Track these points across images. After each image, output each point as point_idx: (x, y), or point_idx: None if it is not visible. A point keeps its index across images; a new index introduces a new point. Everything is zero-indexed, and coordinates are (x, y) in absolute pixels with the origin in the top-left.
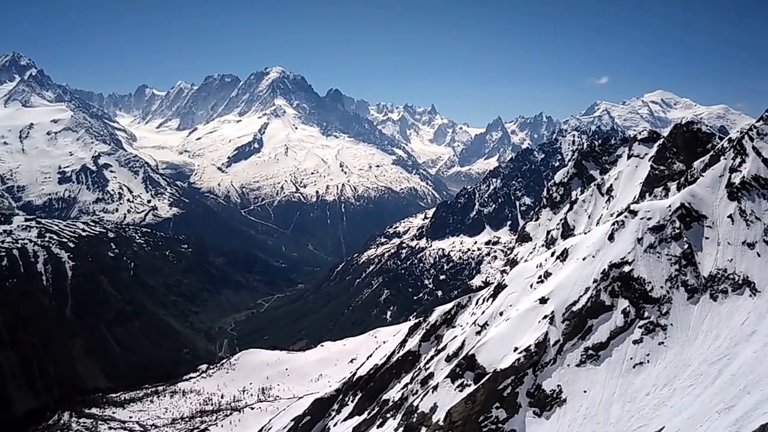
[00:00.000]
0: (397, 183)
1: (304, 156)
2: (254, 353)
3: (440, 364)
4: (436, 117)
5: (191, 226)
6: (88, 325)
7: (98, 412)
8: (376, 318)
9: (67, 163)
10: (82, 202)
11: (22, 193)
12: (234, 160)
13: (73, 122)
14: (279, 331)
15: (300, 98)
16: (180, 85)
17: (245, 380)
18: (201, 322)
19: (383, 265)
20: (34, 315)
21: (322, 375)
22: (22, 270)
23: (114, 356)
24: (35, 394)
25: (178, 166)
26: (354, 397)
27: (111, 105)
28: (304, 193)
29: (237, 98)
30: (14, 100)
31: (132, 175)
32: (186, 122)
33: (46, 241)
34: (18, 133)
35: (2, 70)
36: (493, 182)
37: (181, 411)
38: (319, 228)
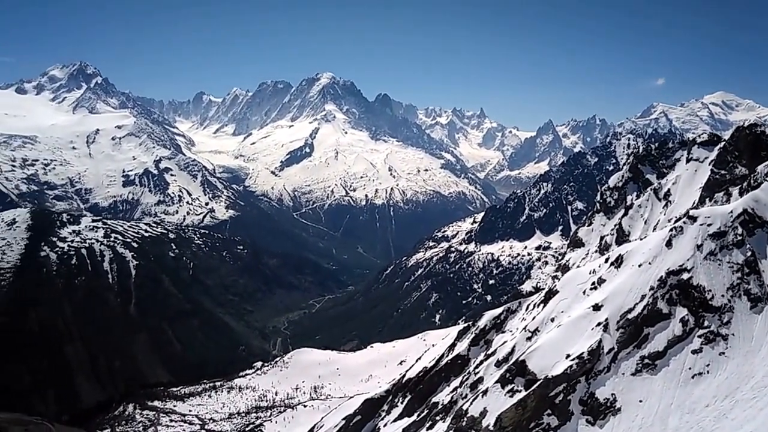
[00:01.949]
0: (445, 187)
1: (353, 160)
2: (306, 352)
3: (490, 368)
4: (485, 121)
5: (246, 228)
6: (151, 321)
7: (160, 405)
8: (424, 321)
9: (130, 167)
10: (144, 204)
11: (89, 195)
12: (286, 164)
13: (136, 128)
14: (330, 332)
15: (349, 103)
16: (235, 92)
17: (298, 378)
18: (256, 321)
19: (432, 268)
20: (101, 311)
21: (371, 376)
22: (89, 268)
23: (174, 352)
24: (102, 387)
25: (233, 170)
26: (403, 398)
27: (171, 111)
28: (353, 196)
29: (289, 104)
30: (81, 107)
31: (191, 178)
32: (241, 127)
33: (112, 241)
34: (85, 138)
35: (70, 78)
36: (543, 186)
37: (238, 406)
38: (369, 231)
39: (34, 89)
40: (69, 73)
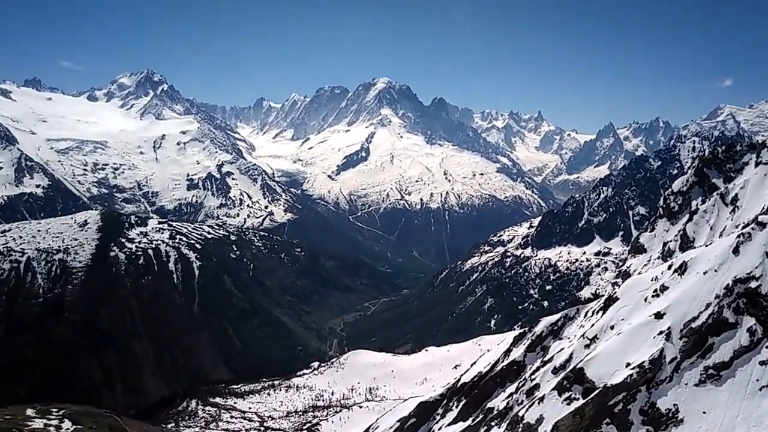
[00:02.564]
0: (501, 191)
1: (408, 164)
2: (362, 354)
3: (546, 375)
4: (542, 124)
5: (304, 231)
6: (213, 321)
7: (221, 402)
8: (479, 326)
9: (194, 171)
10: (207, 207)
11: (155, 198)
12: (343, 168)
13: (199, 133)
14: (385, 334)
15: (405, 108)
16: (294, 98)
17: (354, 379)
18: (313, 321)
19: (487, 273)
20: (166, 310)
21: (426, 379)
22: (156, 268)
23: (235, 351)
24: (167, 383)
25: (292, 174)
26: (458, 402)
27: (233, 117)
28: (408, 200)
29: (346, 109)
30: (149, 114)
31: (251, 182)
32: (299, 132)
33: (177, 242)
34: (152, 143)
35: (138, 86)
36: (603, 191)
37: (295, 405)
38: (423, 235)
39: (104, 96)
40: (137, 80)
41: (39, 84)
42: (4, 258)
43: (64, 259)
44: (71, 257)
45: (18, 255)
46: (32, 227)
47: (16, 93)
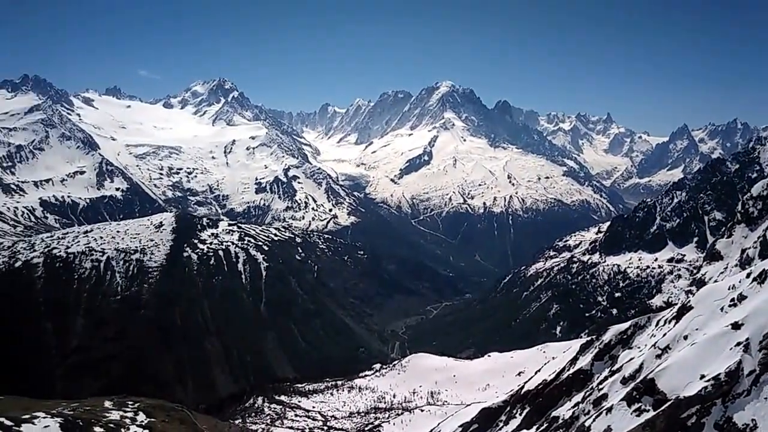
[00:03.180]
0: (567, 195)
1: (471, 168)
2: (424, 357)
3: (615, 385)
4: (611, 126)
5: (366, 234)
6: (279, 320)
7: (286, 400)
8: (544, 332)
9: (262, 175)
10: (274, 210)
11: (226, 201)
12: (405, 172)
13: (267, 138)
14: (447, 338)
15: (468, 111)
16: (358, 103)
17: (415, 382)
18: (375, 324)
19: (552, 279)
20: (235, 309)
21: (489, 385)
22: (225, 269)
23: (300, 350)
24: (235, 379)
25: (355, 178)
26: (522, 410)
27: (299, 122)
28: (471, 204)
29: (409, 113)
30: (220, 120)
31: (316, 186)
32: (363, 137)
33: (245, 243)
34: (223, 148)
35: (210, 93)
36: (677, 195)
37: (357, 406)
38: (486, 239)
39: (179, 104)
40: (209, 88)
41: (119, 92)
42: (86, 257)
43: (141, 258)
44: (147, 257)
45: (99, 254)
46: (112, 228)
47: (98, 101)
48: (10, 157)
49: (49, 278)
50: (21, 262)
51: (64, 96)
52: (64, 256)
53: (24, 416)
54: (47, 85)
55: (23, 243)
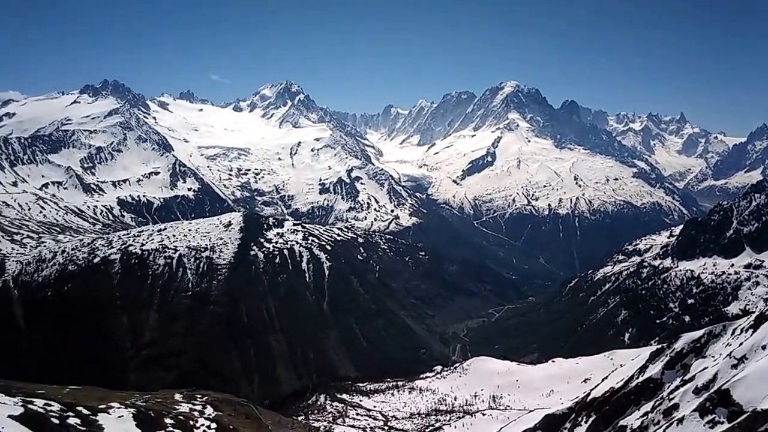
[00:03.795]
0: (637, 197)
1: (536, 169)
2: (485, 360)
3: (687, 395)
4: (685, 126)
5: (428, 235)
6: (341, 319)
7: (348, 398)
8: (612, 339)
9: (326, 176)
10: (337, 210)
11: (291, 201)
12: (468, 173)
13: (331, 140)
14: (509, 342)
15: (534, 111)
16: (421, 104)
17: (476, 386)
18: (436, 325)
19: (621, 283)
20: (299, 307)
21: (553, 391)
22: (290, 267)
23: (361, 349)
24: (298, 376)
25: (417, 179)
26: (587, 418)
27: (362, 124)
28: (535, 206)
29: (472, 114)
30: (286, 122)
31: (378, 187)
32: (425, 138)
33: (309, 243)
34: (289, 150)
35: (278, 96)
36: (756, 198)
37: (418, 407)
38: (551, 241)
39: (247, 107)
40: (277, 91)
41: (192, 96)
42: (160, 254)
43: (210, 256)
44: (216, 255)
45: (171, 252)
46: (184, 227)
47: (172, 105)
48: (90, 158)
49: (125, 274)
50: (99, 258)
51: (141, 100)
52: (140, 253)
53: (100, 406)
54: (125, 90)
55: (102, 240)
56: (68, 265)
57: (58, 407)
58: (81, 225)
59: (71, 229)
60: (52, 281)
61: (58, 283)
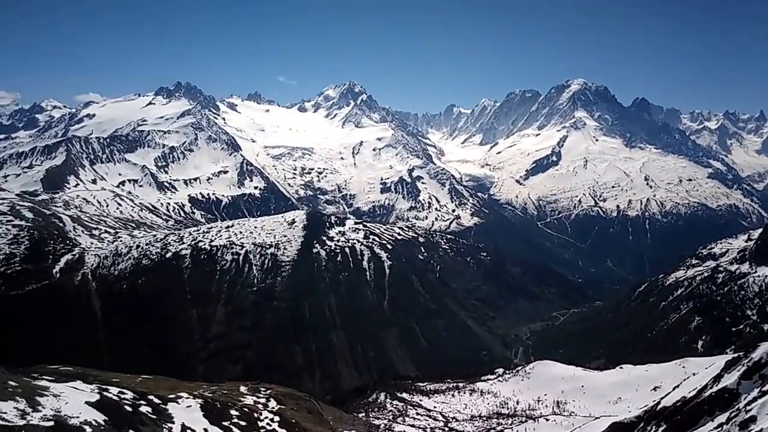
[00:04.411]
0: (713, 199)
1: (604, 169)
2: (549, 365)
3: (765, 408)
4: (765, 124)
5: (490, 235)
6: (401, 318)
7: (408, 397)
8: (684, 346)
9: (387, 175)
10: (398, 210)
11: (352, 200)
12: (532, 173)
13: (393, 140)
14: (574, 347)
15: (602, 109)
16: (484, 103)
17: (540, 390)
18: (498, 327)
19: (694, 289)
20: (360, 305)
21: (620, 398)
22: (351, 266)
23: (421, 349)
24: (359, 373)
25: (479, 179)
26: (657, 427)
27: (424, 123)
28: (603, 207)
29: (536, 112)
30: (349, 122)
31: (439, 186)
32: (488, 137)
33: (370, 242)
34: (351, 149)
35: (341, 97)
36: None
37: (479, 410)
38: (620, 244)
39: (312, 108)
40: (340, 92)
41: (259, 97)
42: (228, 250)
43: (275, 253)
44: (281, 252)
45: (238, 248)
46: (250, 224)
47: (240, 106)
48: (164, 157)
49: (194, 269)
50: (171, 253)
51: (212, 101)
52: (208, 248)
53: (170, 396)
54: (197, 92)
55: (173, 236)
56: (142, 260)
57: (131, 395)
58: (154, 221)
59: (145, 224)
60: (127, 274)
61: (132, 277)
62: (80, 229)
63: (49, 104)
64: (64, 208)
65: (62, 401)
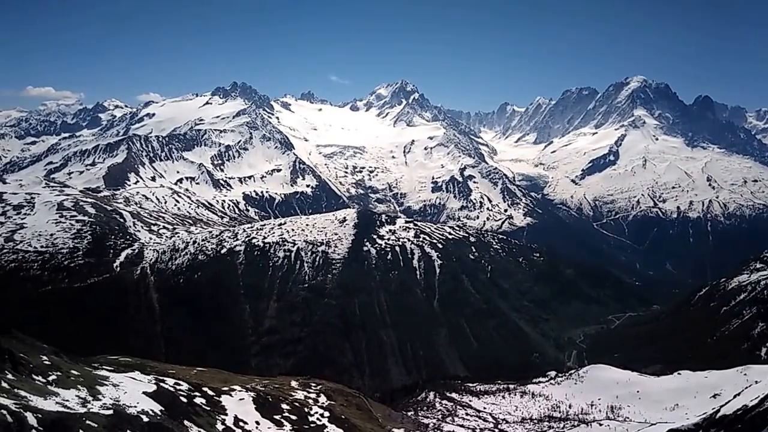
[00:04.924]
0: None
1: (664, 169)
2: (603, 369)
3: None
4: None
5: (542, 236)
6: (451, 318)
7: (457, 397)
8: (746, 353)
9: (438, 174)
10: (449, 209)
11: (403, 199)
12: (588, 172)
13: (444, 139)
14: (630, 351)
15: (662, 107)
16: (538, 101)
17: (593, 395)
18: (550, 329)
19: (758, 294)
20: (410, 304)
21: (677, 405)
22: (401, 264)
23: (471, 349)
24: (408, 372)
25: (532, 178)
26: None
27: (476, 122)
28: (662, 208)
29: (593, 110)
30: (401, 121)
31: (491, 186)
32: (542, 136)
33: (420, 241)
34: (403, 148)
35: (393, 96)
36: None
37: (530, 412)
38: (680, 247)
39: (364, 107)
40: (392, 91)
41: (312, 97)
42: (280, 247)
43: (326, 251)
44: (331, 249)
45: (290, 245)
46: (302, 221)
47: (294, 105)
48: (220, 155)
49: (248, 265)
50: (226, 249)
51: (266, 101)
52: (262, 245)
53: (223, 388)
54: (252, 92)
55: (228, 232)
56: (198, 255)
57: (186, 387)
58: (210, 218)
59: (201, 221)
60: (184, 269)
61: (189, 271)
62: (140, 225)
63: (112, 104)
64: (125, 205)
65: (121, 391)
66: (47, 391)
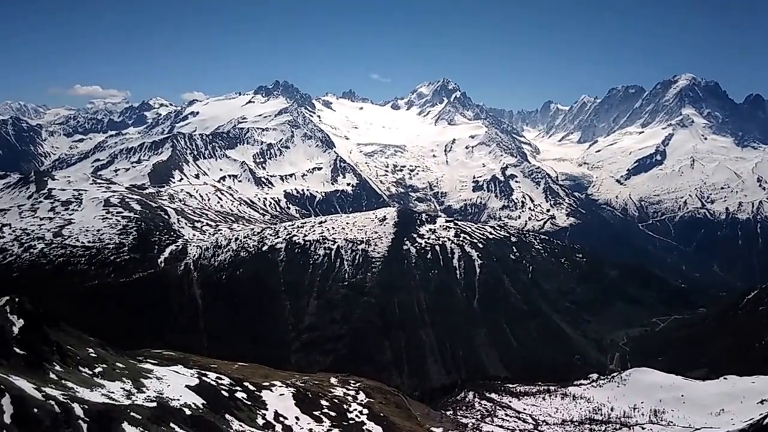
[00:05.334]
0: None
1: (712, 169)
2: (647, 372)
3: None
4: None
5: (586, 237)
6: (491, 318)
7: (496, 398)
8: None
9: (480, 173)
10: (490, 208)
11: (444, 198)
12: (633, 172)
13: (486, 137)
14: (675, 355)
15: (712, 106)
16: (583, 99)
17: (636, 398)
18: (593, 331)
19: None
20: (449, 303)
21: (723, 410)
22: (441, 263)
23: (511, 350)
24: (447, 371)
25: (576, 178)
26: None
27: (519, 121)
28: (711, 209)
29: (640, 109)
30: (442, 120)
31: (534, 185)
32: (587, 135)
33: (461, 240)
34: (443, 147)
35: (434, 94)
36: None
37: (571, 414)
38: (728, 249)
39: (405, 105)
40: (433, 89)
41: (353, 95)
42: (320, 245)
43: (366, 249)
44: (371, 248)
45: (330, 243)
46: (342, 220)
47: (335, 104)
48: (262, 154)
49: (289, 262)
50: (267, 246)
51: (308, 99)
52: (302, 243)
53: (264, 383)
54: (294, 90)
55: (269, 230)
56: (240, 252)
57: (228, 381)
58: (252, 215)
59: (243, 218)
60: (226, 265)
61: (231, 268)
62: (183, 222)
63: (157, 102)
64: (169, 201)
65: (164, 384)
66: (93, 383)
